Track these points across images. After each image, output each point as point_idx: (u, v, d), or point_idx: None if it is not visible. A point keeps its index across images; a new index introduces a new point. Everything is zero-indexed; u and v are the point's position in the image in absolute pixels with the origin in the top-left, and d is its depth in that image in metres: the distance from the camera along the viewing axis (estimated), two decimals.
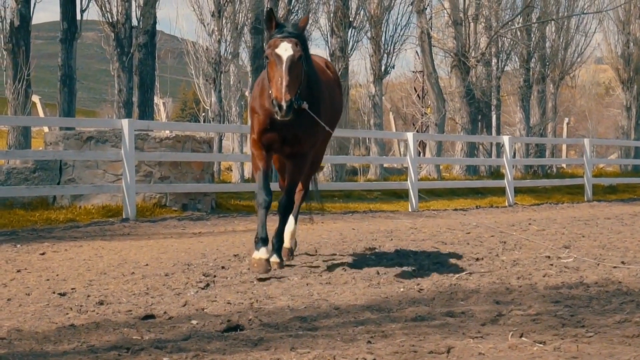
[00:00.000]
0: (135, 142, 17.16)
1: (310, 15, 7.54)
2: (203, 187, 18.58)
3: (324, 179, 27.28)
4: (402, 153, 40.85)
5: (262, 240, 9.23)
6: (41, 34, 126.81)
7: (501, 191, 26.15)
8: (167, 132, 20.35)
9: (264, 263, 9.13)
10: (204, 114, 32.96)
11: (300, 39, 8.84)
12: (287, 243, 10.23)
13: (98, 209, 17.19)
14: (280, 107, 8.34)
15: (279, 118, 8.43)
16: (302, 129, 9.17)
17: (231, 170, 28.53)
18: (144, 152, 17.64)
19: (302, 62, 8.84)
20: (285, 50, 8.65)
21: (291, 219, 10.25)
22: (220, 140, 29.71)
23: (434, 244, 12.27)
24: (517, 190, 26.85)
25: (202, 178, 18.76)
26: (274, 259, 9.41)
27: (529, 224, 16.18)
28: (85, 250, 12.05)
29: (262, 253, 9.17)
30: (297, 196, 10.39)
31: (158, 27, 27.69)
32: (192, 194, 18.49)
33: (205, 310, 6.94)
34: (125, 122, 17.07)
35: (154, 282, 8.69)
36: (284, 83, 8.42)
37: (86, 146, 17.70)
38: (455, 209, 22.64)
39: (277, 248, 9.54)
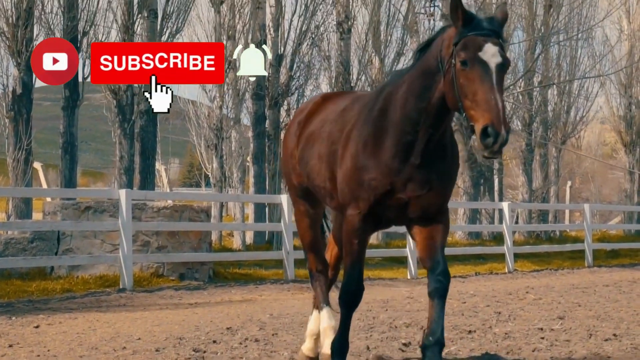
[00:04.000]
0: (132, 211, 17.20)
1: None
2: (200, 257, 18.57)
3: None
4: None
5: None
6: (49, 96, 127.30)
7: (502, 256, 26.09)
8: (170, 201, 20.45)
9: None
10: (209, 174, 33.12)
11: (501, 39, 6.22)
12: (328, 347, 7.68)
13: (95, 279, 17.19)
14: (496, 137, 5.77)
15: (486, 154, 5.83)
16: (437, 177, 6.69)
17: (232, 236, 28.54)
18: (141, 222, 17.68)
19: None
20: (493, 55, 6.00)
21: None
22: (222, 203, 29.77)
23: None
24: (518, 255, 26.78)
25: (199, 247, 18.77)
26: None
27: (527, 292, 16.17)
28: (79, 322, 12.06)
29: None
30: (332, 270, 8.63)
31: None
32: (190, 263, 18.50)
33: None
34: (122, 193, 17.14)
35: (144, 357, 8.71)
36: (500, 104, 5.85)
37: (84, 216, 17.75)
38: (454, 276, 22.54)
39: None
